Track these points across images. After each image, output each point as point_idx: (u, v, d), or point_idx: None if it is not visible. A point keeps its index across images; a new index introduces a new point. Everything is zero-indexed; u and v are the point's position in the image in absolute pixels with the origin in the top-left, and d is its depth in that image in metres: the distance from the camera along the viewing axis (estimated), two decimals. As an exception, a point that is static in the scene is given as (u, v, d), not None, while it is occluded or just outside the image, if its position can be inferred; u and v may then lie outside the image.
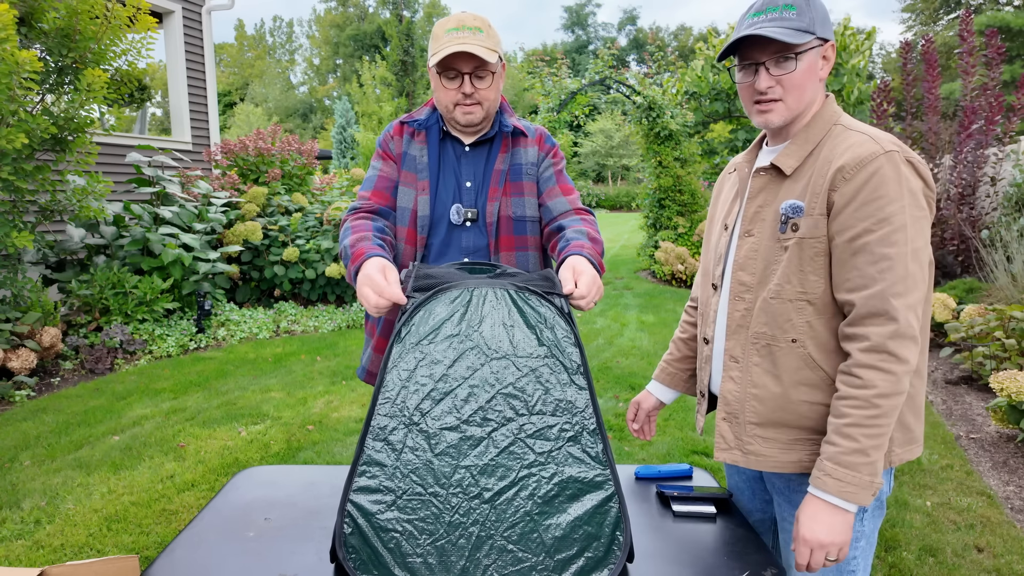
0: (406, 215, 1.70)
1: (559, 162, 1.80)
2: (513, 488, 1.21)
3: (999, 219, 6.31)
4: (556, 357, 1.30)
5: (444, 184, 1.71)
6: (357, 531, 1.18)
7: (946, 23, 30.95)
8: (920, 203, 1.18)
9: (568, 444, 1.24)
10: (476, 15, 1.62)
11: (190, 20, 8.97)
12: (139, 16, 4.78)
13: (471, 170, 1.72)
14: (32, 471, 3.28)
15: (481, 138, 1.72)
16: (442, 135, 1.73)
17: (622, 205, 28.51)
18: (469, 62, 1.59)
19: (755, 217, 1.32)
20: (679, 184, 9.53)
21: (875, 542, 1.34)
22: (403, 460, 1.22)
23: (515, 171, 1.73)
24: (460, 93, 1.61)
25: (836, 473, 1.16)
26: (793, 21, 1.24)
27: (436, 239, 1.70)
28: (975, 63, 6.71)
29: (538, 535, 1.18)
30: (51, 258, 5.56)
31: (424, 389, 1.27)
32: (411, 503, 1.20)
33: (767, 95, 1.29)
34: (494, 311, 1.34)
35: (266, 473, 1.71)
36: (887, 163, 1.17)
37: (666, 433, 3.76)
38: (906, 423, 1.26)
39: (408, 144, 1.73)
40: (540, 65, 9.93)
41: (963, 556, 2.53)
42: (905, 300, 1.15)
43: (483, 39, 1.58)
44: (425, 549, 1.17)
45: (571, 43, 57.56)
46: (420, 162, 1.71)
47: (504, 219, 1.70)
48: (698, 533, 1.40)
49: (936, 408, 4.17)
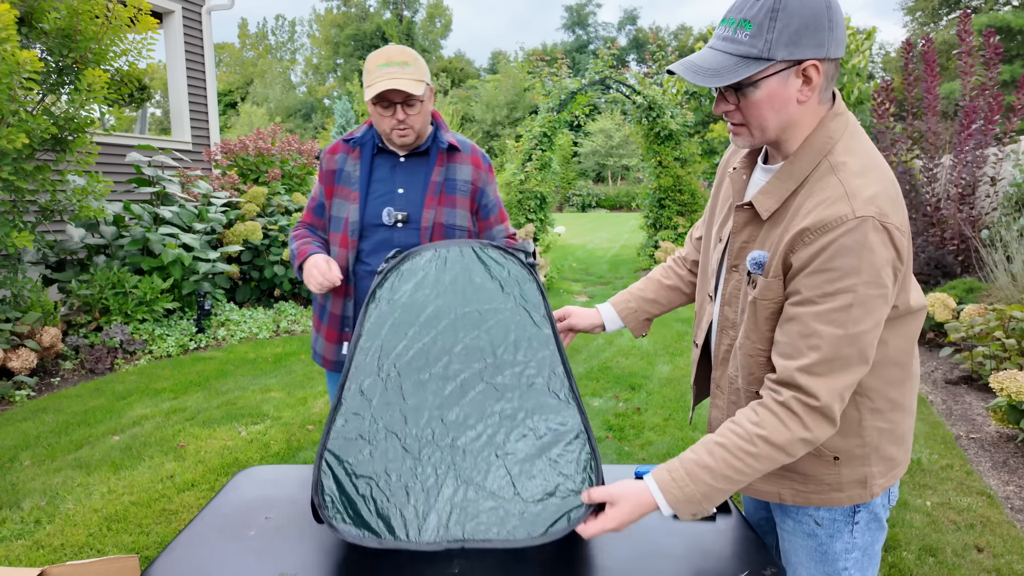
0: (340, 223, 1.98)
1: (494, 183, 2.10)
2: (483, 431, 1.25)
3: (999, 219, 6.31)
4: (521, 306, 1.37)
5: (377, 192, 1.97)
6: (333, 478, 1.21)
7: (946, 23, 30.95)
8: (881, 280, 1.06)
9: (535, 387, 1.28)
10: (404, 48, 1.86)
11: (190, 20, 8.97)
12: (140, 16, 4.78)
13: (406, 178, 1.97)
14: (32, 471, 3.28)
15: (414, 151, 1.98)
16: (376, 150, 1.99)
17: (622, 205, 28.50)
18: (399, 94, 1.82)
19: (740, 253, 1.25)
20: (679, 184, 9.53)
21: (876, 557, 1.31)
22: (376, 409, 1.27)
23: (450, 185, 1.98)
24: (395, 120, 1.86)
25: (676, 474, 1.13)
26: (743, 45, 1.07)
27: (369, 241, 1.95)
28: (974, 63, 6.71)
29: (507, 475, 1.20)
30: (51, 258, 5.56)
31: (397, 343, 1.34)
32: (384, 450, 1.24)
33: (729, 119, 1.18)
34: (460, 267, 1.43)
35: (266, 473, 1.71)
36: (853, 232, 1.04)
37: (666, 433, 3.76)
38: (888, 455, 1.23)
39: (344, 161, 2.01)
40: (540, 65, 9.94)
41: (963, 556, 2.53)
42: (827, 382, 1.08)
43: (411, 72, 1.82)
44: (396, 494, 1.19)
45: (571, 43, 57.57)
46: (353, 176, 1.98)
47: (438, 225, 1.95)
48: (698, 533, 1.40)
49: (936, 408, 4.17)
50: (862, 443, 1.21)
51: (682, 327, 6.43)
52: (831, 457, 1.21)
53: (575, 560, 1.30)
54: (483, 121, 39.36)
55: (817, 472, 1.23)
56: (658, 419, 3.98)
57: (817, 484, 1.24)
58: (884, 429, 1.22)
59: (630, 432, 3.78)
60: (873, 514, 1.27)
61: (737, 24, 1.08)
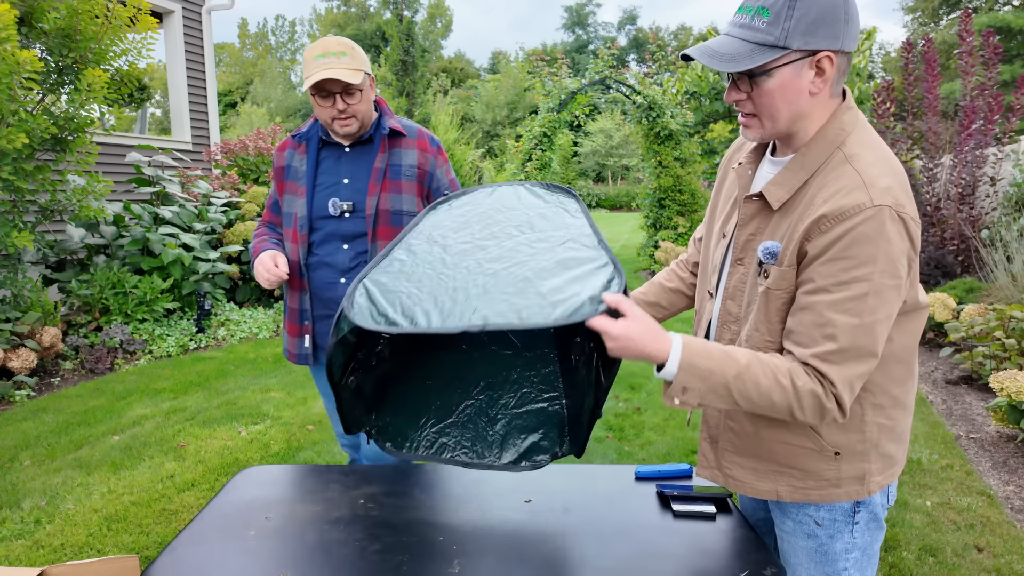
0: (291, 218, 2.02)
1: (446, 165, 2.09)
2: (514, 266, 1.27)
3: (999, 219, 6.31)
4: (562, 207, 1.49)
5: (324, 184, 1.99)
6: (367, 294, 1.23)
7: (946, 23, 30.94)
8: (897, 271, 1.06)
9: (568, 242, 1.34)
10: (340, 40, 1.86)
11: (190, 20, 8.97)
12: (140, 16, 4.77)
13: (351, 168, 1.99)
14: (32, 471, 3.28)
15: (359, 140, 1.99)
16: (322, 143, 2.01)
17: (622, 205, 28.49)
18: (337, 84, 1.84)
19: (746, 246, 1.24)
20: (679, 184, 9.52)
21: (875, 557, 1.31)
22: (419, 257, 1.35)
23: (394, 171, 1.98)
24: (335, 110, 1.87)
25: (702, 345, 1.11)
26: (760, 32, 1.08)
27: (320, 232, 1.99)
28: (974, 63, 6.71)
29: (534, 289, 1.19)
30: (51, 258, 5.56)
31: (447, 226, 1.47)
32: (420, 276, 1.28)
33: (740, 108, 1.18)
34: (511, 190, 1.59)
35: (266, 473, 1.71)
36: (871, 220, 1.04)
37: (666, 433, 3.76)
38: (887, 452, 1.24)
39: (291, 157, 2.04)
40: (540, 65, 9.94)
41: (963, 556, 2.53)
42: (841, 370, 1.08)
43: (347, 62, 1.83)
44: (424, 300, 1.20)
45: (571, 43, 57.57)
46: (300, 171, 2.01)
47: (382, 212, 1.96)
48: (698, 533, 1.40)
49: (936, 408, 4.17)
50: (863, 439, 1.21)
51: (682, 327, 6.44)
52: (832, 452, 1.22)
53: (575, 560, 1.30)
54: (483, 121, 39.34)
55: (817, 468, 1.23)
56: (658, 419, 3.98)
57: (816, 480, 1.24)
58: (884, 426, 1.22)
59: (630, 432, 3.78)
60: (872, 514, 1.27)
61: (755, 12, 1.09)
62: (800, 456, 1.23)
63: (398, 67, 34.19)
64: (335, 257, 1.99)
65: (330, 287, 2.01)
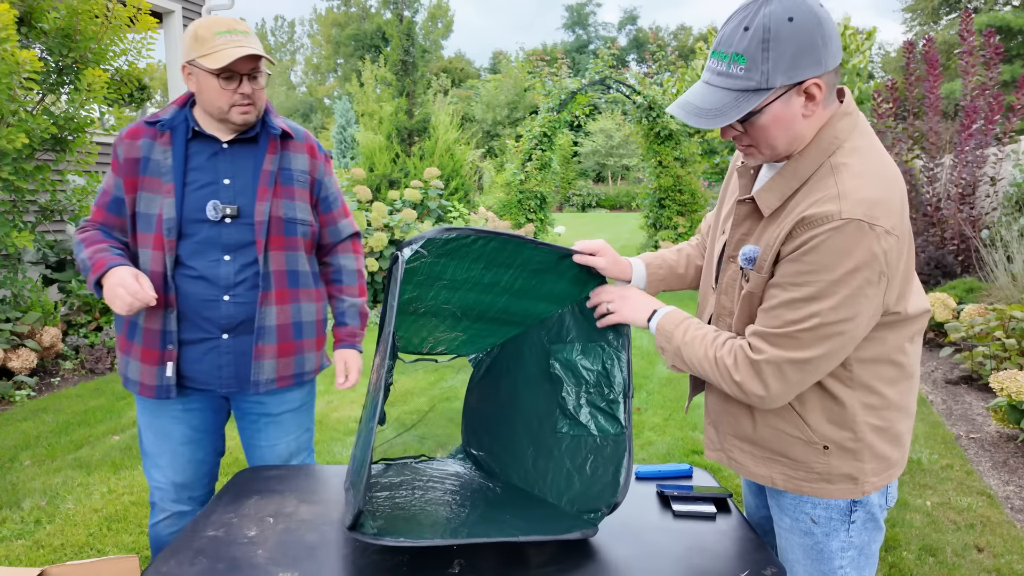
0: (152, 221, 1.68)
1: (332, 174, 1.89)
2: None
3: (999, 219, 6.31)
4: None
5: (197, 182, 1.69)
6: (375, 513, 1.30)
7: (946, 23, 30.94)
8: (852, 282, 1.07)
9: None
10: (238, 20, 1.64)
11: (190, 20, 8.97)
12: (139, 16, 4.77)
13: (231, 167, 1.71)
14: (32, 471, 3.28)
15: (241, 136, 1.72)
16: (192, 134, 1.70)
17: (622, 205, 28.48)
18: (248, 63, 1.62)
19: (737, 245, 1.26)
20: (679, 184, 9.52)
21: (873, 558, 1.31)
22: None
23: (286, 176, 1.76)
24: (238, 94, 1.63)
25: (666, 321, 1.32)
26: (739, 80, 1.07)
27: (191, 240, 1.67)
28: (975, 63, 6.71)
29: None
30: (51, 258, 5.56)
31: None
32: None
33: (738, 142, 1.19)
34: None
35: (266, 473, 1.71)
36: (837, 232, 1.06)
37: (666, 433, 3.76)
38: (882, 454, 1.24)
39: (150, 148, 1.69)
40: (540, 65, 9.94)
41: (963, 556, 2.53)
42: (773, 350, 1.14)
43: (255, 41, 1.63)
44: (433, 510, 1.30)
45: (571, 43, 57.57)
46: (164, 165, 1.68)
47: (275, 219, 1.73)
48: (698, 533, 1.40)
49: (936, 408, 4.17)
50: (854, 437, 1.21)
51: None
52: (820, 445, 1.23)
53: (575, 560, 1.30)
54: (483, 121, 39.33)
55: (807, 459, 1.24)
56: (658, 419, 3.98)
57: (807, 471, 1.25)
58: (878, 427, 1.22)
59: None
60: (870, 514, 1.27)
61: (730, 59, 1.08)
62: (790, 444, 1.25)
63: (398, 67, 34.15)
64: (215, 270, 1.68)
65: (208, 305, 1.69)
